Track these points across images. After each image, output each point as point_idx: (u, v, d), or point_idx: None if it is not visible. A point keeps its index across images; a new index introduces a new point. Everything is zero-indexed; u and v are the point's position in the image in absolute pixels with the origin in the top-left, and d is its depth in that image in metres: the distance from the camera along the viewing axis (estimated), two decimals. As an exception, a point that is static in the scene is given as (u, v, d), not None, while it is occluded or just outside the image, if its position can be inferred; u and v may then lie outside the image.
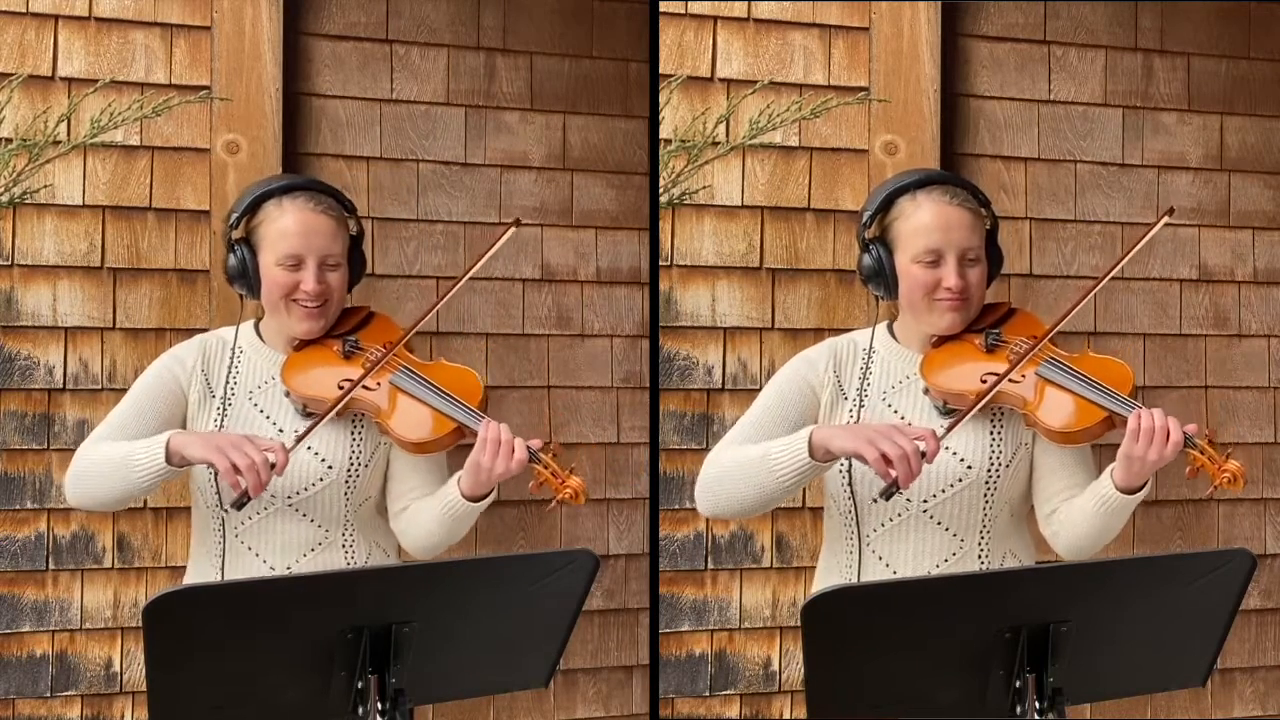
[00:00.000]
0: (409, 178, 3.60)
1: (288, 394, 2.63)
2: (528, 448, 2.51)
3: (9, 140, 3.26)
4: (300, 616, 1.99)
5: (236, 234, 2.66)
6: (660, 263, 3.53)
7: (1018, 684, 2.06)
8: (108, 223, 3.36)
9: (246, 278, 2.65)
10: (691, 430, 3.56)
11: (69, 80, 3.33)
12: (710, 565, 3.56)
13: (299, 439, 2.55)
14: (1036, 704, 2.06)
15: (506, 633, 2.15)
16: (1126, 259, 2.67)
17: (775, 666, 3.60)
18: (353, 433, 2.65)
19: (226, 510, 2.59)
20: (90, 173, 3.34)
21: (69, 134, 3.30)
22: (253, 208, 2.66)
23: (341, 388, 2.58)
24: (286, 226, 2.62)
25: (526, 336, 3.73)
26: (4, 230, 3.29)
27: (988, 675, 2.06)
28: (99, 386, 3.34)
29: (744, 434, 2.64)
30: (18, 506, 3.30)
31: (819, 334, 3.59)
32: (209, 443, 2.49)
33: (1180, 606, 2.13)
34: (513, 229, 2.74)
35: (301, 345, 2.67)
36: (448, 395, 2.58)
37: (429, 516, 2.62)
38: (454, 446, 2.60)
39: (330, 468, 2.63)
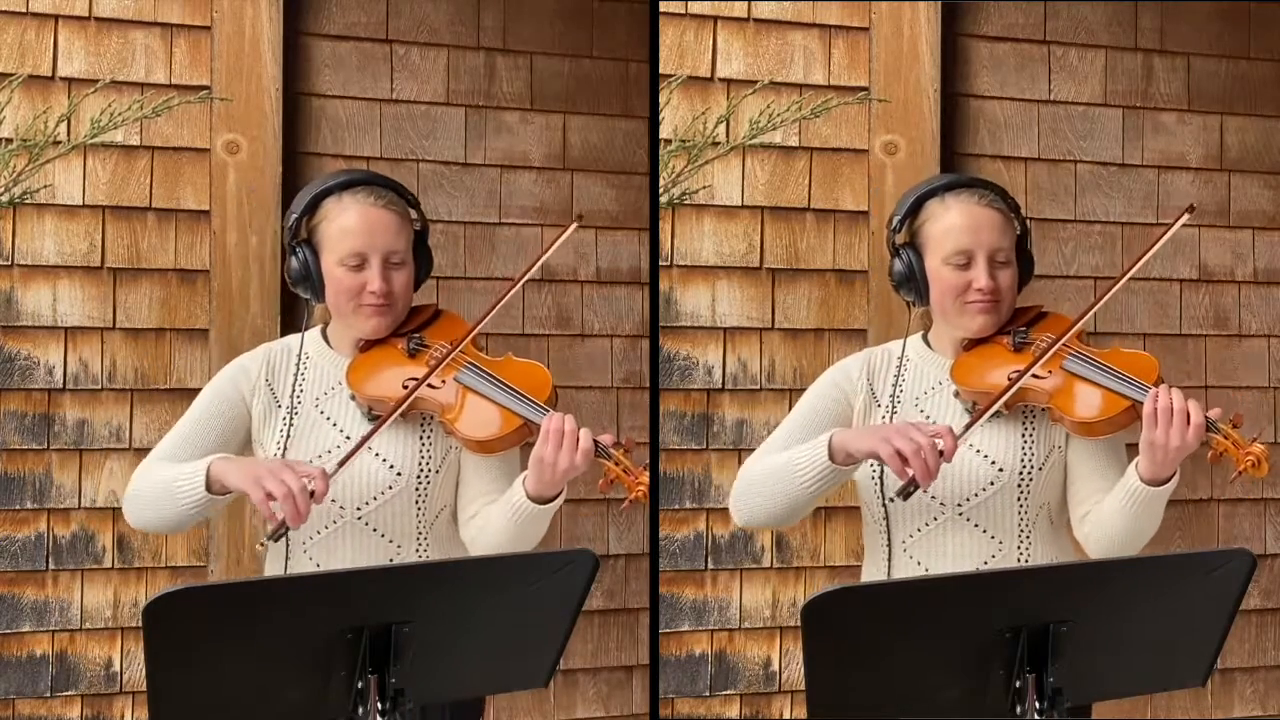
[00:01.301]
0: (409, 178, 3.60)
1: (353, 397, 2.53)
2: (596, 442, 2.38)
3: (9, 140, 3.26)
4: (300, 616, 1.98)
5: (297, 236, 2.55)
6: (660, 263, 3.53)
7: (1018, 684, 2.06)
8: (108, 223, 3.36)
9: (310, 280, 2.53)
10: (691, 430, 3.56)
11: (69, 80, 3.33)
12: (710, 565, 3.56)
13: (341, 464, 2.43)
14: (1036, 704, 2.06)
15: (506, 633, 2.14)
16: (1148, 255, 2.65)
17: (775, 666, 3.60)
18: (422, 437, 2.53)
19: (266, 541, 2.44)
20: (90, 173, 3.35)
21: (69, 134, 3.30)
22: (311, 207, 2.54)
23: (406, 387, 2.48)
24: (348, 224, 2.51)
25: (526, 336, 3.73)
26: (4, 230, 3.29)
27: (988, 675, 2.06)
28: (99, 386, 3.34)
29: (776, 444, 2.62)
30: (18, 506, 3.30)
31: (819, 334, 3.59)
32: (246, 471, 2.38)
33: (1180, 606, 2.12)
34: (574, 226, 2.61)
35: (367, 346, 2.56)
36: (513, 390, 2.47)
37: (497, 522, 2.47)
38: (521, 444, 2.48)
39: (399, 474, 2.51)
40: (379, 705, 2.03)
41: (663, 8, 3.52)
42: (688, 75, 3.55)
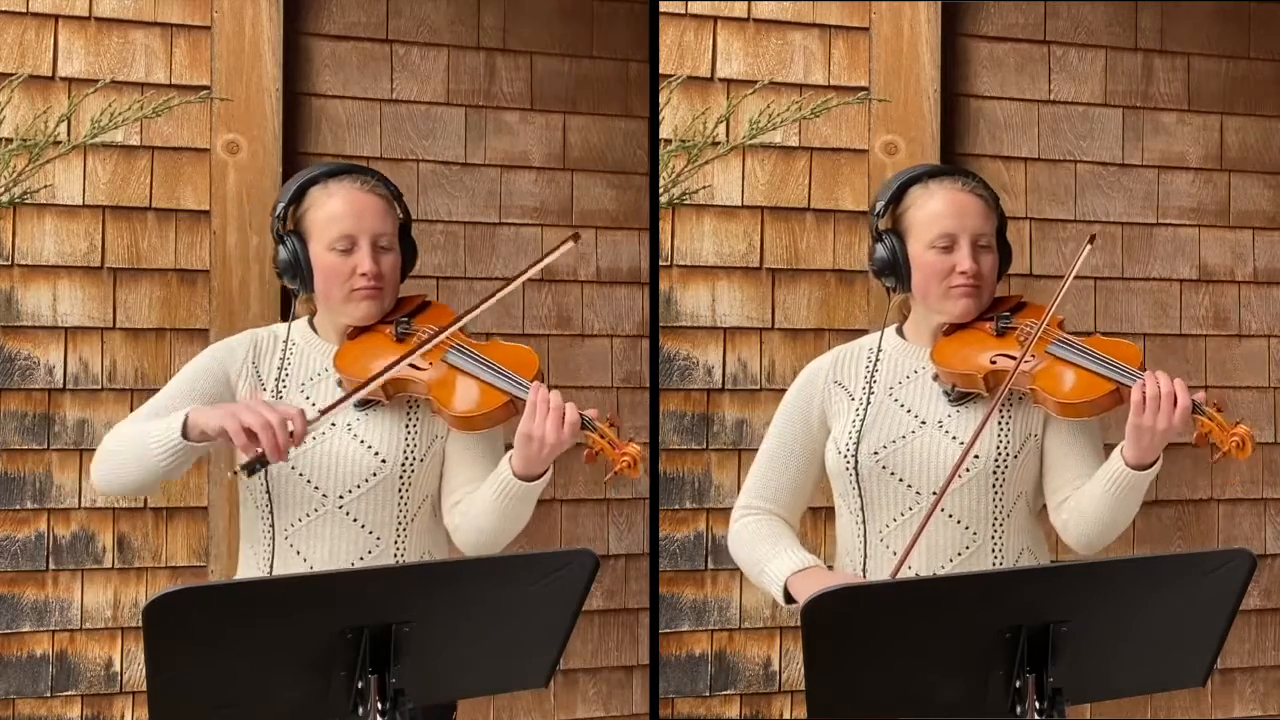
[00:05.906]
0: (409, 178, 3.60)
1: (340, 382, 2.53)
2: (582, 415, 2.39)
3: (9, 140, 3.26)
4: (300, 616, 1.99)
5: (284, 226, 2.56)
6: (660, 263, 3.53)
7: (1018, 684, 2.06)
8: (108, 223, 3.36)
9: (298, 269, 2.54)
10: (691, 430, 3.56)
11: (69, 80, 3.33)
12: (710, 565, 3.56)
13: (325, 410, 2.43)
14: (1036, 704, 2.06)
15: (506, 633, 2.14)
16: (1073, 272, 2.65)
17: (775, 666, 3.60)
18: (407, 424, 2.53)
19: (239, 470, 2.37)
20: (90, 173, 3.35)
21: (69, 134, 3.30)
22: (298, 196, 2.56)
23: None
24: (335, 209, 2.53)
25: (526, 336, 3.72)
26: (4, 230, 3.29)
27: (988, 675, 2.06)
28: (99, 386, 3.34)
29: (757, 486, 2.72)
30: (18, 506, 3.30)
31: (819, 334, 3.59)
32: (224, 410, 2.36)
33: (1180, 606, 2.13)
34: (570, 244, 2.59)
35: (355, 334, 2.57)
36: (498, 368, 2.48)
37: (482, 503, 2.47)
38: (506, 421, 2.48)
39: (384, 461, 2.50)
40: (379, 705, 2.03)
41: (663, 8, 3.52)
42: (688, 75, 3.55)
